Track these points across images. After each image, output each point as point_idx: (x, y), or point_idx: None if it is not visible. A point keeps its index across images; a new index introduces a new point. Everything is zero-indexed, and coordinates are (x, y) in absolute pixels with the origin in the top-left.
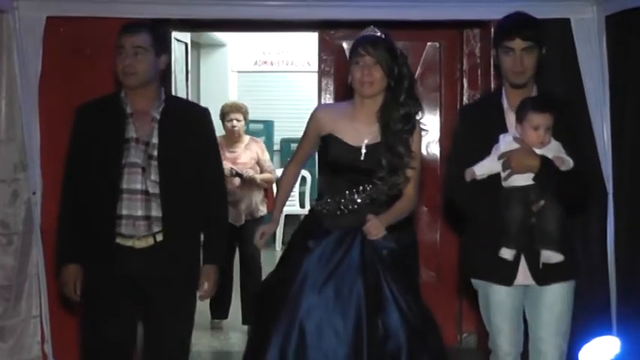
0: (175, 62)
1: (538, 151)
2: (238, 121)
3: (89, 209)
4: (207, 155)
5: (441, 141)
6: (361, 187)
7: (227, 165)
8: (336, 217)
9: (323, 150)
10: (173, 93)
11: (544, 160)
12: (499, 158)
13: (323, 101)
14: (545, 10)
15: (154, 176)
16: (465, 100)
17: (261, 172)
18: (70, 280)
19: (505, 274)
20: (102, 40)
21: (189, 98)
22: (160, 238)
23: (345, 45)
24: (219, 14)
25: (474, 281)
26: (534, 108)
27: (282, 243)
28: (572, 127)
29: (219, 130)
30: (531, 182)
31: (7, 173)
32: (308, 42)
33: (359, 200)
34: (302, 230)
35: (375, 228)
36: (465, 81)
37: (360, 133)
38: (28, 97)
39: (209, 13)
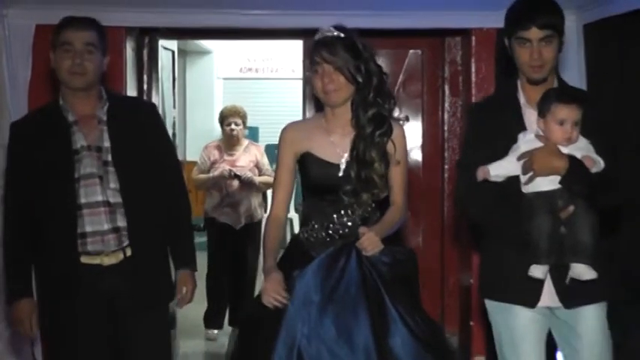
0: (162, 69)
1: (564, 150)
2: (237, 125)
3: (44, 233)
4: (163, 152)
5: (424, 147)
6: (349, 209)
7: (225, 167)
8: (327, 245)
9: (302, 172)
10: (160, 100)
11: (572, 160)
12: (519, 159)
13: (308, 109)
14: None
15: (114, 184)
16: (447, 106)
17: (260, 175)
18: (26, 317)
19: (529, 294)
20: None
21: (176, 105)
22: (129, 252)
23: None
24: (206, 23)
25: (489, 305)
26: (560, 99)
27: None
28: (601, 125)
29: (217, 134)
30: (557, 186)
31: None
32: (292, 49)
33: (349, 223)
34: (286, 260)
35: (372, 242)
36: (446, 87)
37: (338, 147)
38: (17, 103)
39: (196, 22)
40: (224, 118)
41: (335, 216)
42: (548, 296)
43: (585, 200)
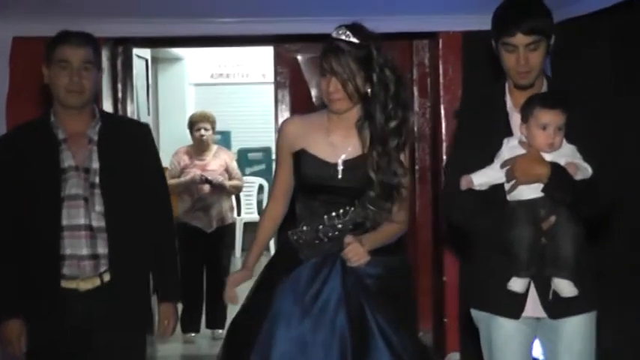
0: (137, 77)
1: (547, 157)
2: (206, 130)
3: (26, 252)
4: (153, 177)
5: None
6: (341, 210)
7: (197, 172)
8: (315, 247)
9: (295, 169)
10: (134, 108)
11: (555, 167)
12: (502, 166)
13: (280, 112)
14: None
15: (99, 207)
16: (416, 108)
17: (230, 179)
18: (14, 338)
19: (512, 305)
20: None
21: (150, 112)
22: (107, 277)
23: (299, 58)
24: (179, 32)
25: (474, 313)
26: (543, 104)
27: (242, 249)
28: (590, 129)
29: (187, 140)
30: (540, 194)
31: None
32: (263, 55)
33: (339, 225)
34: (276, 264)
35: (356, 253)
36: (415, 89)
37: (337, 147)
38: None
39: (169, 31)
40: (193, 123)
41: (326, 217)
42: (533, 306)
43: (569, 210)
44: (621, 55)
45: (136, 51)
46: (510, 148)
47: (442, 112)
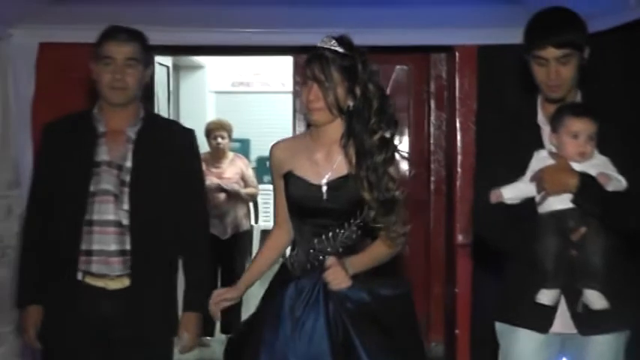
0: (158, 84)
1: (577, 167)
2: (223, 138)
3: (54, 243)
4: (189, 183)
5: (410, 159)
6: (331, 234)
7: (213, 180)
8: (307, 272)
9: (285, 192)
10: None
11: (584, 177)
12: (531, 179)
13: (297, 121)
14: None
15: (126, 205)
16: (433, 120)
17: (246, 187)
18: (31, 325)
19: (540, 319)
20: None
21: (171, 118)
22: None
23: None
24: (200, 40)
25: (498, 327)
26: (573, 112)
27: None
28: (624, 142)
29: (203, 147)
30: (570, 205)
31: (2, 190)
32: (282, 64)
33: (329, 249)
34: (272, 287)
35: (336, 276)
36: (432, 102)
37: (320, 166)
38: (21, 118)
39: (190, 40)
40: (210, 131)
41: (315, 240)
42: (562, 322)
43: (599, 221)
44: (633, 73)
45: (157, 58)
46: (540, 160)
47: (457, 124)
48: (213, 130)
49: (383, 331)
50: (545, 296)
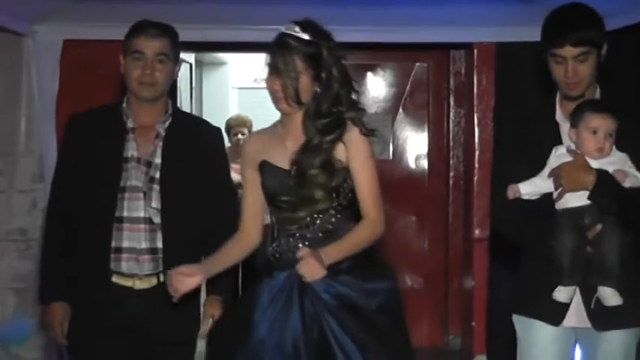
0: (180, 80)
1: (594, 164)
2: (243, 134)
3: (81, 240)
4: (217, 181)
5: (429, 155)
6: (309, 219)
7: (233, 176)
8: (290, 262)
9: (261, 184)
10: None
11: (601, 174)
12: (549, 175)
13: None
14: (527, 32)
15: (155, 202)
16: (452, 116)
17: None
18: (57, 322)
19: (554, 312)
20: (114, 61)
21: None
22: (162, 277)
23: None
24: (223, 37)
25: (515, 319)
26: (592, 108)
27: None
28: None
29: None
30: (586, 202)
31: (26, 184)
32: None
33: (309, 235)
34: (256, 281)
35: (310, 268)
36: (451, 99)
37: (290, 152)
38: (45, 113)
39: (213, 36)
40: (231, 127)
41: (295, 227)
42: (576, 317)
43: (616, 218)
44: None
45: (180, 55)
46: (558, 156)
47: (475, 120)
48: (234, 126)
49: (365, 320)
50: (562, 293)
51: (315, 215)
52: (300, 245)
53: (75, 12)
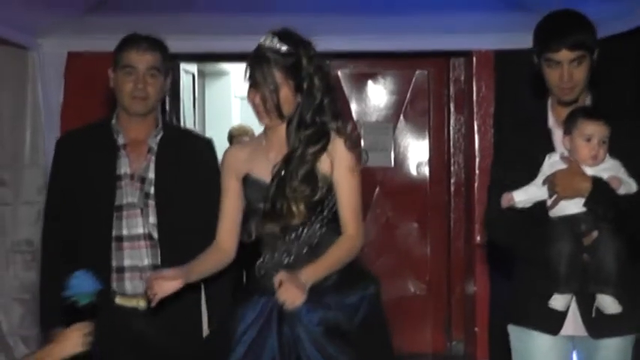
0: (183, 91)
1: (589, 171)
2: None
3: (80, 262)
4: (211, 192)
5: (431, 162)
6: (294, 234)
7: None
8: (271, 285)
9: (244, 197)
10: (181, 121)
11: (596, 181)
12: (544, 182)
13: None
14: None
15: (152, 218)
16: (452, 123)
17: None
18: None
19: (551, 321)
20: None
21: (196, 124)
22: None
23: (340, 74)
24: (224, 48)
25: (510, 329)
26: (586, 115)
27: None
28: (634, 145)
29: None
30: (582, 209)
31: (32, 195)
32: None
33: (293, 249)
34: (240, 300)
35: (289, 295)
36: (451, 105)
37: (273, 164)
38: (50, 125)
39: (215, 47)
40: (233, 137)
41: (279, 241)
42: (573, 325)
43: (611, 225)
44: None
45: (183, 65)
46: (552, 164)
47: (475, 127)
48: (237, 135)
49: (347, 341)
50: (558, 301)
51: (300, 230)
52: (286, 261)
53: (79, 25)
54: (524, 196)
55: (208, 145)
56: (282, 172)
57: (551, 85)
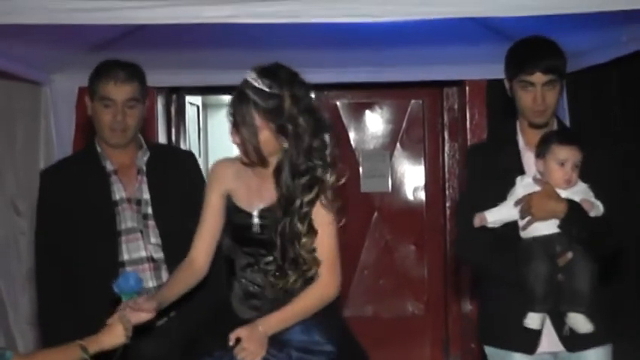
0: (189, 122)
1: (562, 193)
2: None
3: (82, 293)
4: (198, 206)
5: (426, 187)
6: (262, 264)
7: None
8: (244, 304)
9: (226, 216)
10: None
11: (571, 203)
12: (516, 203)
13: None
14: None
15: (154, 238)
16: (447, 150)
17: None
18: None
19: (526, 340)
20: None
21: (201, 154)
22: (173, 312)
23: (338, 104)
24: (228, 81)
25: (488, 350)
26: (560, 140)
27: None
28: (602, 168)
29: None
30: (556, 230)
31: None
32: None
33: (259, 280)
34: (215, 322)
35: (248, 354)
36: (445, 133)
37: (254, 194)
38: (62, 156)
39: (219, 80)
40: None
41: (249, 270)
42: (548, 341)
43: (584, 246)
44: (628, 102)
45: (188, 98)
46: (525, 186)
47: None
48: None
49: None
50: (534, 320)
51: (269, 259)
52: (250, 289)
53: (89, 61)
54: (496, 217)
55: (192, 157)
56: (283, 225)
57: (523, 108)
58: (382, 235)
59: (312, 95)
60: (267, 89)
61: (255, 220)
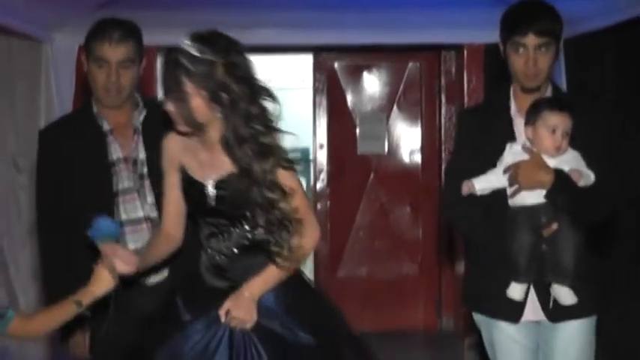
0: None
1: (551, 163)
2: None
3: (81, 253)
4: None
5: (423, 150)
6: (226, 234)
7: None
8: (211, 273)
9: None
10: None
11: (558, 173)
12: (505, 171)
13: (317, 116)
14: None
15: (150, 198)
16: (443, 112)
17: None
18: (79, 350)
19: (511, 309)
20: None
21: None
22: (169, 270)
23: (336, 66)
24: None
25: (475, 317)
26: (551, 106)
27: None
28: (594, 135)
29: None
30: (542, 200)
31: None
32: (302, 62)
33: (224, 249)
34: (182, 289)
35: (241, 320)
36: (442, 96)
37: (205, 166)
38: (63, 114)
39: None
40: None
41: (212, 240)
42: (532, 310)
43: (571, 218)
44: (626, 68)
45: None
46: (513, 153)
47: None
48: None
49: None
50: (516, 291)
51: (231, 229)
52: (217, 258)
53: (91, 19)
54: (484, 184)
55: None
56: (257, 198)
57: (515, 71)
58: (378, 196)
59: (252, 65)
60: (198, 54)
61: (211, 192)
